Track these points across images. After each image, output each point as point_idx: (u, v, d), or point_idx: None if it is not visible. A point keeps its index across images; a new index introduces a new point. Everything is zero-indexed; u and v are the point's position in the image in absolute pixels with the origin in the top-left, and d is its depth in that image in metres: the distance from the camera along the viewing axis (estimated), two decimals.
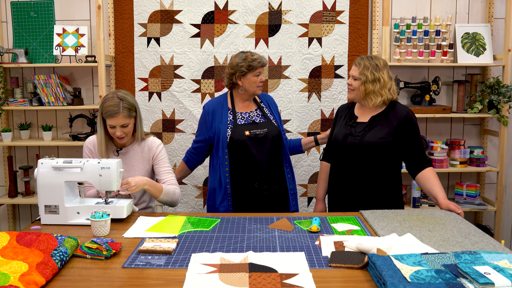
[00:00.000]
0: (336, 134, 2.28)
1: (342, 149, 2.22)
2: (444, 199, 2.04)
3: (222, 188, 2.36)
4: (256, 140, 2.33)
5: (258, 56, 2.37)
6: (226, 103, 2.44)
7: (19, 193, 3.33)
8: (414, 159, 2.16)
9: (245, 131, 2.33)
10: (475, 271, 1.25)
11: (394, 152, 2.17)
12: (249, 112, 2.42)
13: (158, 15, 3.15)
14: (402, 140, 2.15)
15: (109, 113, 2.08)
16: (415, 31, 3.17)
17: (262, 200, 2.36)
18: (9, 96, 3.21)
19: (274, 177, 2.40)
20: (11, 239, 1.50)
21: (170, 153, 3.22)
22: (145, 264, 1.47)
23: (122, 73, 3.21)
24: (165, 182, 2.20)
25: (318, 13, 3.15)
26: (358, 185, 2.18)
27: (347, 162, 2.20)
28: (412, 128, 2.16)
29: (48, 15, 3.24)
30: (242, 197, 2.36)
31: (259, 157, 2.34)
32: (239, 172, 2.35)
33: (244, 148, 2.33)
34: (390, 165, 2.19)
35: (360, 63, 2.17)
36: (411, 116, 2.17)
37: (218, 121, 2.38)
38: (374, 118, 2.19)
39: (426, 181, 2.12)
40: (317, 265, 1.46)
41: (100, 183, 1.90)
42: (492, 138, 3.39)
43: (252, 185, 2.35)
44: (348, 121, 2.27)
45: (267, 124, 2.39)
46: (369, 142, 2.13)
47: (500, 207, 3.20)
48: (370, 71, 2.13)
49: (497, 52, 3.25)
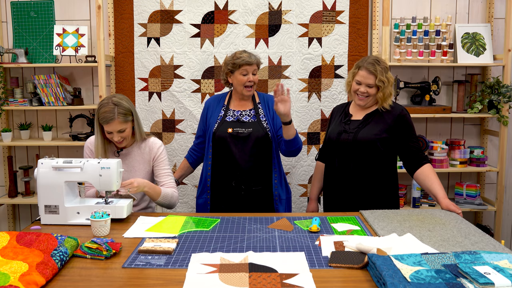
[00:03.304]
0: (330, 132, 2.30)
1: (336, 146, 2.24)
2: (444, 198, 2.04)
3: (202, 181, 2.43)
4: (237, 139, 2.32)
5: (247, 54, 2.35)
6: (224, 99, 2.47)
7: (19, 193, 3.33)
8: (411, 157, 2.17)
9: (228, 129, 2.34)
10: (475, 271, 1.25)
11: (389, 149, 2.19)
12: (242, 110, 2.42)
13: (158, 15, 3.15)
14: (397, 137, 2.17)
15: (104, 119, 2.07)
16: (415, 31, 3.17)
17: (239, 199, 2.36)
18: (9, 96, 3.21)
19: (254, 178, 2.36)
20: (11, 239, 1.50)
21: (170, 153, 3.22)
22: (145, 264, 1.47)
23: (122, 73, 3.21)
24: (164, 184, 2.21)
25: (318, 13, 3.15)
26: (353, 182, 2.20)
27: (341, 159, 2.22)
28: (407, 126, 2.18)
29: (48, 15, 3.24)
30: (220, 193, 2.39)
31: (239, 156, 2.33)
32: (219, 168, 2.38)
33: (225, 145, 2.34)
34: (385, 162, 2.21)
35: (375, 70, 2.15)
36: (405, 114, 2.20)
37: (211, 115, 2.43)
38: (368, 116, 2.22)
39: (425, 178, 2.12)
40: (317, 265, 1.46)
41: (100, 183, 1.89)
42: (492, 138, 3.39)
43: (230, 183, 2.36)
44: (342, 119, 2.28)
45: (254, 124, 2.36)
46: (362, 139, 2.15)
47: (500, 207, 3.20)
48: (384, 76, 2.15)
49: (497, 52, 3.25)
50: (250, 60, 2.33)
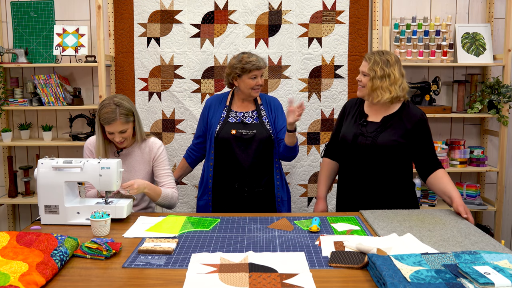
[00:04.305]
0: (345, 132, 2.19)
1: (352, 149, 2.14)
2: (458, 198, 1.97)
3: (204, 183, 2.42)
4: (241, 140, 2.32)
5: (255, 58, 2.33)
6: (226, 100, 2.46)
7: (19, 193, 3.33)
8: (426, 162, 2.10)
9: (232, 130, 2.33)
10: (475, 271, 1.25)
11: (406, 154, 2.11)
12: (245, 112, 2.41)
13: (158, 15, 3.15)
14: (415, 142, 2.09)
15: (106, 120, 2.07)
16: (415, 31, 3.17)
17: (241, 201, 2.35)
18: (9, 96, 3.21)
19: (257, 180, 2.36)
20: (11, 239, 1.50)
21: (170, 153, 3.22)
22: (145, 264, 1.47)
23: (122, 73, 3.21)
24: (164, 185, 2.21)
25: (318, 13, 3.15)
26: (370, 187, 2.12)
27: (358, 163, 2.13)
28: (425, 131, 2.10)
29: (48, 15, 3.24)
30: (222, 195, 2.38)
31: (242, 157, 2.33)
32: (222, 169, 2.37)
33: (228, 147, 2.33)
34: (402, 167, 2.13)
35: (371, 58, 2.07)
36: (425, 119, 2.11)
37: (212, 116, 2.41)
38: (387, 119, 2.11)
39: (438, 180, 2.06)
40: (317, 265, 1.46)
41: (100, 183, 1.89)
42: (492, 138, 3.39)
43: (233, 185, 2.35)
44: (357, 119, 2.18)
45: (257, 126, 2.36)
46: (382, 144, 2.06)
47: (500, 207, 3.20)
48: (380, 67, 2.04)
49: (497, 52, 3.25)
50: (260, 65, 2.33)
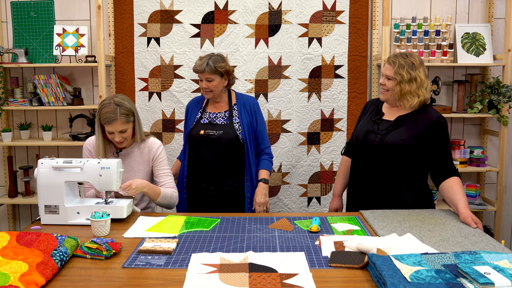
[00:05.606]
0: (359, 130, 2.16)
1: (361, 146, 2.11)
2: (464, 208, 1.87)
3: (180, 181, 2.49)
4: (208, 141, 2.37)
5: (199, 61, 2.35)
6: (202, 102, 2.53)
7: (19, 193, 3.33)
8: (440, 168, 2.01)
9: (201, 130, 2.39)
10: (475, 271, 1.25)
11: (417, 157, 2.02)
12: (217, 113, 2.45)
13: (158, 15, 3.15)
14: (429, 146, 2.00)
15: (106, 120, 2.07)
16: (415, 31, 3.17)
17: (209, 200, 2.42)
18: (9, 96, 3.21)
19: (224, 180, 2.40)
20: (11, 239, 1.50)
21: (170, 153, 3.22)
22: (145, 264, 1.47)
23: (122, 73, 3.21)
24: (164, 184, 2.21)
25: (318, 13, 3.15)
26: (377, 186, 2.07)
27: (365, 161, 2.10)
28: (441, 135, 2.00)
29: (48, 15, 3.24)
30: (194, 193, 2.46)
31: (209, 157, 2.38)
32: (193, 168, 2.45)
33: (197, 146, 2.40)
34: (414, 168, 2.04)
35: (395, 61, 2.01)
36: (443, 122, 2.01)
37: (190, 117, 2.50)
38: (401, 118, 2.05)
39: (449, 189, 1.96)
40: (317, 265, 1.46)
41: (100, 183, 1.89)
42: (492, 138, 3.39)
43: (201, 184, 2.42)
44: (373, 116, 2.14)
45: (226, 126, 2.38)
46: (389, 143, 2.01)
47: (500, 207, 3.20)
48: (406, 70, 1.98)
49: (497, 52, 3.25)
50: (197, 69, 2.35)
